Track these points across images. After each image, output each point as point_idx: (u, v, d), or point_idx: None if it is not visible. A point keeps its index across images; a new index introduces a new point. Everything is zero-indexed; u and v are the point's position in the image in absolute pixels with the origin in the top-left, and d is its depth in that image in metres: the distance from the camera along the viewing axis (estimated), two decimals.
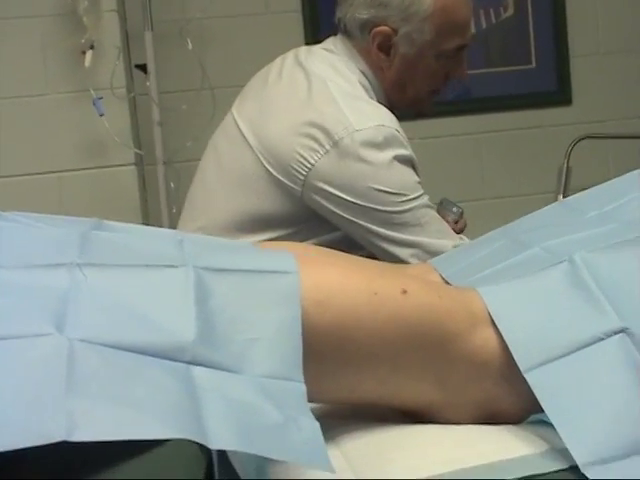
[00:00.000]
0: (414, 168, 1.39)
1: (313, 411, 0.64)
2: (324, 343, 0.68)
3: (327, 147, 1.34)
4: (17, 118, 2.17)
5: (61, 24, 2.13)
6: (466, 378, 0.71)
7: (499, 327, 0.70)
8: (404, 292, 0.70)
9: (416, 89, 1.48)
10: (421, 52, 1.43)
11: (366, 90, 1.44)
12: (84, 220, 0.84)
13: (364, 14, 1.42)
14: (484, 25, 2.51)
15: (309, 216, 1.39)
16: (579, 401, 0.65)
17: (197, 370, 0.61)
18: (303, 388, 0.64)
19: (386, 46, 1.43)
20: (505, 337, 0.69)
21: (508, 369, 0.70)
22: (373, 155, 1.33)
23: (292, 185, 1.37)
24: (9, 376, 0.55)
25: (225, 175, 1.45)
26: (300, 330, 0.66)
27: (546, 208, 1.00)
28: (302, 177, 1.36)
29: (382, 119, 1.36)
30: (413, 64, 1.45)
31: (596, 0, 2.56)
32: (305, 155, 1.35)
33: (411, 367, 0.70)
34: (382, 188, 1.33)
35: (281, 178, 1.38)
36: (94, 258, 0.67)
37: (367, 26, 1.43)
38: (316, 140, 1.35)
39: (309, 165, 1.35)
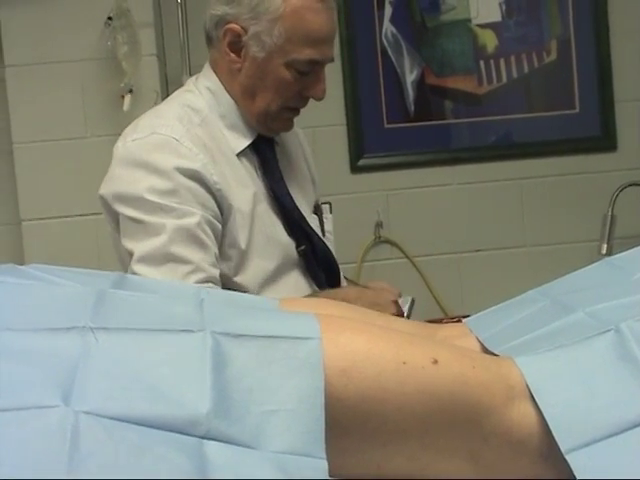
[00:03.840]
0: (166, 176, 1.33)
1: None
2: (348, 416, 0.64)
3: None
4: (57, 160, 2.19)
5: (101, 68, 2.15)
6: (501, 456, 0.66)
7: (538, 402, 0.65)
8: (435, 362, 0.66)
9: (266, 100, 1.41)
10: (270, 57, 1.38)
11: (196, 111, 1.41)
12: (106, 274, 0.82)
13: (218, 10, 1.41)
14: (526, 69, 2.48)
15: None
16: None
17: (210, 445, 0.57)
18: (324, 465, 0.60)
19: (237, 46, 1.40)
20: (545, 413, 0.64)
21: (547, 448, 0.65)
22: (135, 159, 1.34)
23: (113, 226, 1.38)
24: (10, 451, 0.52)
25: None
26: (322, 401, 0.62)
27: (590, 267, 0.95)
28: (106, 210, 1.38)
29: (156, 128, 1.36)
30: (262, 69, 1.39)
31: None
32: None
33: (442, 443, 0.66)
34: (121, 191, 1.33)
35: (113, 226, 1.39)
36: (108, 321, 0.64)
37: (220, 23, 1.41)
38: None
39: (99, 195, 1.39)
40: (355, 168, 2.41)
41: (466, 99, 2.45)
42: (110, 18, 2.09)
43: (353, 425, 0.64)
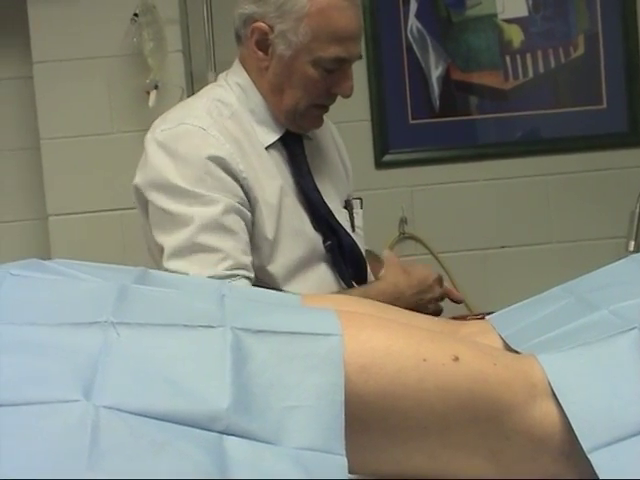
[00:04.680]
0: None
1: None
2: (368, 412, 0.64)
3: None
4: (83, 156, 2.20)
5: (127, 65, 2.16)
6: (522, 454, 0.66)
7: (560, 400, 0.65)
8: (456, 359, 0.65)
9: (295, 98, 1.42)
10: (297, 55, 1.39)
11: (226, 105, 1.43)
12: (129, 269, 0.82)
13: (246, 9, 1.42)
14: (553, 64, 2.45)
15: None
16: None
17: (230, 441, 0.57)
18: (344, 462, 0.60)
19: (264, 44, 1.41)
20: (567, 412, 0.64)
21: (569, 446, 0.64)
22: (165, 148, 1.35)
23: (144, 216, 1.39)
24: (30, 445, 0.52)
25: None
26: (342, 398, 0.62)
27: (617, 263, 0.94)
28: (138, 199, 1.39)
29: (184, 119, 1.37)
30: (289, 67, 1.40)
31: None
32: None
33: (462, 441, 0.65)
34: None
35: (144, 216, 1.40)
36: (130, 316, 0.64)
37: (248, 22, 1.42)
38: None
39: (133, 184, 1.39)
40: (380, 164, 2.40)
41: (492, 94, 2.43)
42: (136, 15, 2.10)
43: (373, 421, 0.64)
